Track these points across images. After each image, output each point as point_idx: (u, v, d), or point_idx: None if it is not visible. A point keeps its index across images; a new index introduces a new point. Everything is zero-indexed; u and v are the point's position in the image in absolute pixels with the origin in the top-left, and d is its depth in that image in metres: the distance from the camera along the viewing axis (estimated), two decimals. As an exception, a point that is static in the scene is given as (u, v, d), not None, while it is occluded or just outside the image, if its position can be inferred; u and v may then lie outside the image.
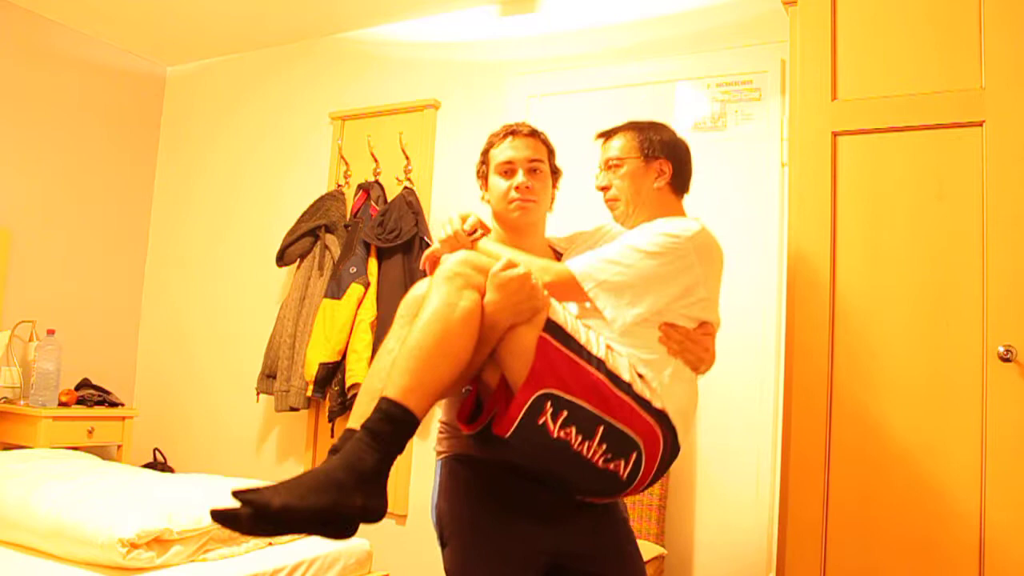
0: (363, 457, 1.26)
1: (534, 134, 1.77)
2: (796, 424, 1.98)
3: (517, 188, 1.71)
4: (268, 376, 3.36)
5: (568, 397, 1.39)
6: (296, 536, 2.30)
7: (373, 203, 3.31)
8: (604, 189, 1.75)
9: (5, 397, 3.40)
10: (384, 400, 1.31)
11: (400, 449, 1.31)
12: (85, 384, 3.61)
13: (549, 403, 1.38)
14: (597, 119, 2.90)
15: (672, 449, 1.49)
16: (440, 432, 1.73)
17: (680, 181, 1.73)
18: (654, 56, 2.92)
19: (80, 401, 3.45)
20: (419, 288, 1.53)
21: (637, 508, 2.49)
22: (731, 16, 2.82)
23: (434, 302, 1.37)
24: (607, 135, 1.78)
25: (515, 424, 1.38)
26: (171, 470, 3.62)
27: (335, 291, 3.17)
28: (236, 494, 1.18)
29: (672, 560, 2.60)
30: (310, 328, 3.23)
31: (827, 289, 1.98)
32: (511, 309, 1.39)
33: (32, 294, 3.59)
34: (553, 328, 1.41)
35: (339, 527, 1.25)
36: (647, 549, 2.35)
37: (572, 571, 1.60)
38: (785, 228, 2.50)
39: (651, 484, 1.52)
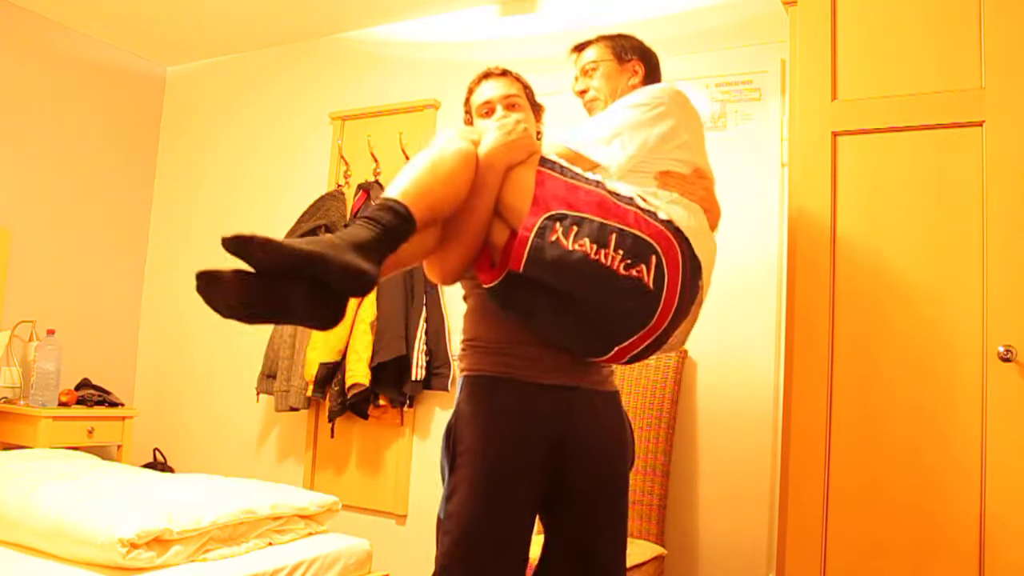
0: (358, 231, 1.29)
1: (507, 73, 1.85)
2: (796, 424, 1.98)
3: (496, 121, 1.76)
4: (268, 376, 3.36)
5: (574, 213, 1.42)
6: (296, 537, 2.31)
7: (373, 203, 3.31)
8: (582, 93, 1.85)
9: (5, 397, 3.40)
10: (382, 199, 1.37)
11: (396, 240, 1.34)
12: (85, 384, 3.61)
13: (557, 223, 1.41)
14: (597, 119, 2.92)
15: (692, 262, 1.47)
16: (462, 349, 1.72)
17: (653, 79, 1.84)
18: (654, 56, 2.92)
19: (80, 401, 3.45)
20: None
21: (637, 508, 2.48)
22: (731, 16, 2.82)
23: (428, 148, 1.47)
24: (579, 47, 1.89)
25: (528, 247, 1.41)
26: (171, 470, 3.62)
27: (335, 291, 3.17)
28: (226, 237, 1.16)
29: (672, 560, 2.60)
30: (309, 329, 3.22)
31: (827, 289, 1.98)
32: (505, 148, 1.47)
33: (32, 294, 3.59)
34: (548, 163, 1.50)
35: (321, 296, 1.23)
36: (647, 549, 2.35)
37: (568, 490, 1.59)
38: (785, 228, 2.50)
39: (677, 316, 1.45)
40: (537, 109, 1.89)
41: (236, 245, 1.16)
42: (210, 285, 1.19)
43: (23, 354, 3.51)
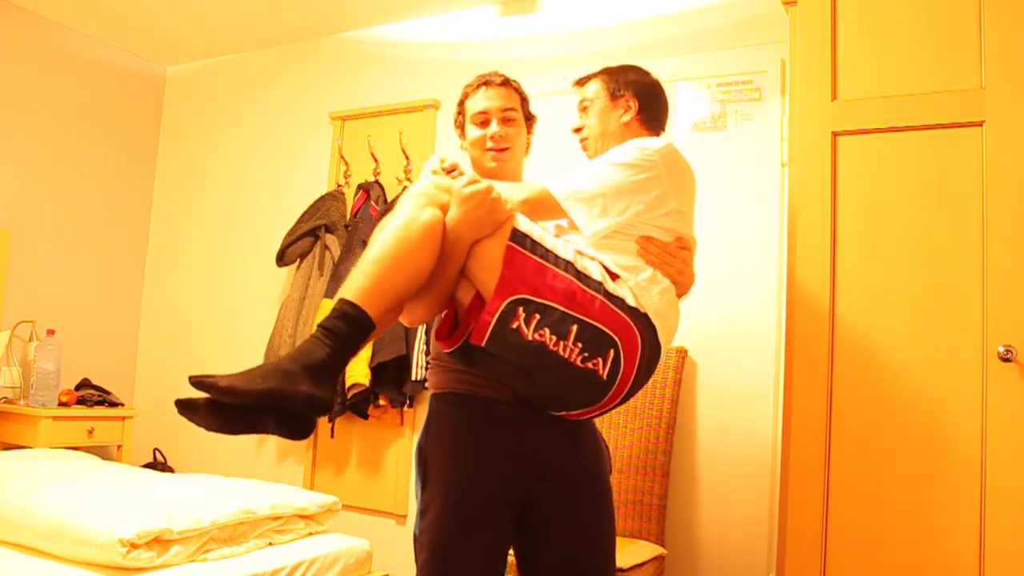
0: (312, 350, 1.29)
1: (507, 83, 1.82)
2: (796, 424, 1.98)
3: (492, 138, 1.77)
4: (268, 376, 3.36)
5: (539, 300, 1.40)
6: (296, 537, 2.31)
7: (373, 203, 3.31)
8: (578, 131, 1.82)
9: (5, 397, 3.40)
10: (340, 300, 1.34)
11: (354, 347, 1.34)
12: (85, 384, 3.61)
13: (521, 308, 1.40)
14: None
15: (652, 350, 1.47)
16: (428, 366, 1.74)
17: (650, 115, 1.77)
18: (654, 56, 2.92)
19: (80, 401, 3.45)
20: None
21: (637, 508, 2.49)
22: (731, 16, 2.82)
23: (397, 217, 1.42)
24: (581, 81, 1.84)
25: (489, 330, 1.40)
26: (171, 470, 3.62)
27: (335, 291, 3.17)
28: (192, 377, 1.23)
29: (672, 560, 2.60)
30: (310, 328, 3.23)
31: (827, 289, 1.98)
32: (474, 223, 1.42)
33: (32, 294, 3.59)
34: (519, 237, 1.44)
35: (290, 420, 1.27)
36: (647, 549, 2.35)
37: (545, 504, 1.58)
38: (785, 228, 2.50)
39: (632, 391, 1.49)
40: (530, 120, 1.88)
41: (201, 388, 1.23)
42: (189, 411, 1.27)
43: (23, 354, 3.51)
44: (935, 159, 1.92)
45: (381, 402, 3.13)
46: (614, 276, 1.48)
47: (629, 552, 2.25)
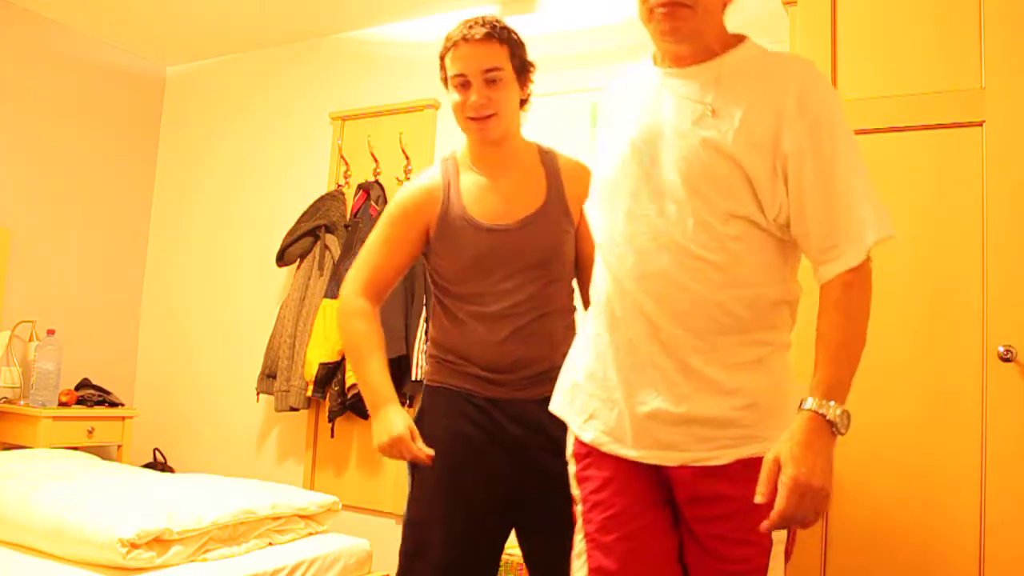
0: None
1: (490, 36, 1.59)
2: (796, 424, 1.98)
3: (471, 106, 1.58)
4: (268, 376, 3.36)
5: None
6: (296, 537, 2.32)
7: (373, 203, 3.31)
8: None
9: (5, 397, 3.40)
10: None
11: None
12: (85, 384, 3.61)
13: None
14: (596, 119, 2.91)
15: None
16: (432, 357, 1.70)
17: None
18: (654, 56, 2.92)
19: (80, 401, 3.45)
20: None
21: (637, 508, 2.48)
22: (731, 16, 2.80)
23: None
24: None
25: None
26: (171, 470, 3.62)
27: (335, 291, 3.17)
28: None
29: (672, 560, 2.59)
30: (310, 328, 3.23)
31: (827, 289, 1.98)
32: None
33: (32, 294, 3.59)
34: None
35: None
36: (647, 549, 2.34)
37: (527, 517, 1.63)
38: (785, 228, 2.50)
39: None
40: (524, 72, 1.67)
41: None
42: None
43: (23, 354, 3.51)
44: (935, 159, 1.92)
45: (381, 402, 3.12)
46: None
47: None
